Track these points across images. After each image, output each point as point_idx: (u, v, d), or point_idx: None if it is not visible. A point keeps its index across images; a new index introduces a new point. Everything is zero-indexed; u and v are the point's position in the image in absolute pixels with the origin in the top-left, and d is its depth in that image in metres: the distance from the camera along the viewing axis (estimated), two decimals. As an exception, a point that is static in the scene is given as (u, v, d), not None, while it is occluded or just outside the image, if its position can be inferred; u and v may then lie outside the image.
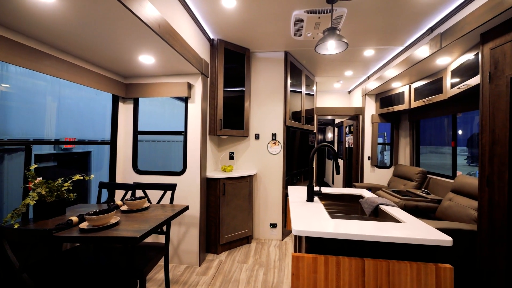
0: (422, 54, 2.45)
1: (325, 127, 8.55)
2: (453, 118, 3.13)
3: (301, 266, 1.09)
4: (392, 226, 1.16)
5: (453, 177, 2.94)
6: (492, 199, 1.75)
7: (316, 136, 4.46)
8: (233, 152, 3.11)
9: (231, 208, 2.74)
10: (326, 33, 1.93)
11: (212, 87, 2.76)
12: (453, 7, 2.04)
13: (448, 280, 1.01)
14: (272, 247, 2.86)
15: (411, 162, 3.91)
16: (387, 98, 3.88)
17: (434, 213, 2.62)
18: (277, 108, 3.10)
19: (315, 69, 3.84)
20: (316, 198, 1.69)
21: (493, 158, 1.75)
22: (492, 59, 1.77)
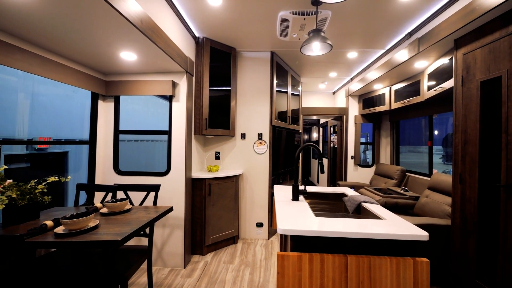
0: (402, 58, 2.56)
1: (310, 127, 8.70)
2: (430, 119, 3.29)
3: (286, 265, 1.10)
4: (373, 223, 1.20)
5: (429, 175, 3.10)
6: (464, 195, 1.86)
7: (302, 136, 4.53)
8: (219, 152, 3.08)
9: (217, 208, 2.71)
10: (311, 35, 1.96)
11: (197, 86, 2.71)
12: (430, 13, 2.14)
13: (425, 273, 1.06)
14: (259, 246, 2.86)
15: (392, 161, 4.07)
16: (369, 99, 4.01)
17: (412, 210, 2.75)
18: (263, 108, 3.11)
19: (301, 70, 3.89)
20: (301, 197, 1.72)
21: (465, 157, 1.86)
22: (464, 63, 1.88)
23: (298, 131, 4.19)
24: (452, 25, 1.85)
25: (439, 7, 2.03)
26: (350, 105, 4.39)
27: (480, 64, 1.74)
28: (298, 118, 4.18)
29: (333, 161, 5.36)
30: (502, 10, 1.53)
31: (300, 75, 4.15)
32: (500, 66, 1.59)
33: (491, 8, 1.52)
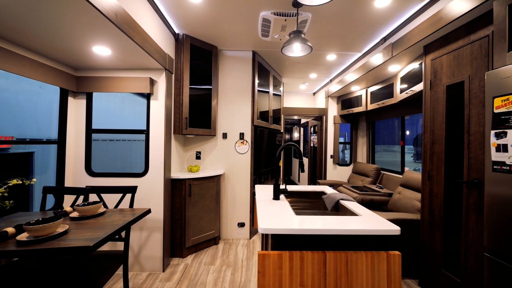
0: (377, 61, 2.69)
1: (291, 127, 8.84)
2: (402, 120, 3.50)
3: (267, 264, 1.11)
4: (350, 219, 1.25)
5: (401, 173, 3.29)
6: (432, 190, 2.00)
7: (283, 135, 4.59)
8: (200, 151, 3.03)
9: (197, 209, 2.66)
10: (292, 36, 1.99)
11: (177, 84, 2.64)
12: (403, 20, 2.27)
13: (397, 265, 1.12)
14: (240, 246, 2.86)
15: (368, 160, 4.27)
16: (348, 101, 4.17)
17: (386, 206, 2.89)
18: (245, 107, 3.10)
19: (282, 70, 3.94)
20: (282, 196, 1.74)
21: (433, 155, 2.00)
22: (432, 68, 2.02)
23: (280, 130, 4.24)
24: (422, 32, 1.97)
25: (411, 14, 2.16)
26: (330, 106, 4.53)
27: (446, 69, 1.87)
28: (279, 118, 4.23)
29: (314, 160, 5.50)
30: (465, 20, 1.66)
31: (281, 75, 4.20)
32: (463, 71, 1.73)
33: (456, 17, 1.64)
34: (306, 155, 6.42)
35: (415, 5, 2.03)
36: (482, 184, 1.56)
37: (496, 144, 1.30)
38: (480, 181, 1.57)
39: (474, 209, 1.62)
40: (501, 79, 1.28)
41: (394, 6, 2.06)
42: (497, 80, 1.30)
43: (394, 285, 1.11)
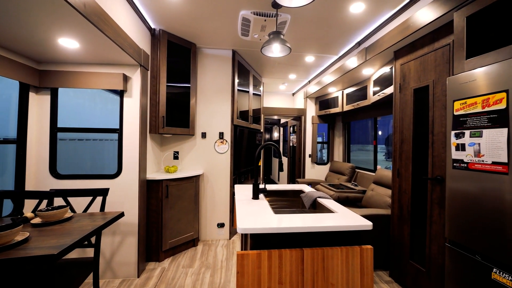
0: (352, 65, 2.81)
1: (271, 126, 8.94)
2: (375, 121, 3.69)
3: (245, 263, 1.10)
4: (326, 216, 1.29)
5: (374, 171, 3.47)
6: (401, 187, 2.13)
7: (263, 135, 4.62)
8: (178, 151, 2.94)
9: (175, 211, 2.58)
10: (271, 36, 2.00)
11: (153, 81, 2.53)
12: (375, 26, 2.39)
13: (369, 258, 1.17)
14: (220, 247, 2.82)
15: (344, 159, 4.45)
16: (325, 101, 4.30)
17: (360, 202, 3.04)
18: (224, 106, 3.07)
19: (262, 70, 3.96)
20: (261, 195, 1.75)
21: (402, 154, 2.13)
22: (401, 73, 2.15)
23: (260, 130, 4.26)
24: (392, 38, 2.09)
25: (383, 21, 2.28)
26: (308, 106, 4.64)
27: (413, 74, 2.01)
28: (259, 118, 4.25)
29: (293, 160, 5.60)
30: (430, 29, 1.79)
31: (261, 75, 4.22)
32: (428, 76, 1.86)
33: (421, 26, 1.76)
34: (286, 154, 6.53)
35: (386, 12, 2.14)
36: (444, 180, 1.69)
37: (455, 144, 1.42)
38: (442, 177, 1.71)
39: (437, 203, 1.76)
40: (460, 84, 1.40)
41: (368, 12, 2.16)
42: (456, 85, 1.42)
43: (366, 277, 1.17)
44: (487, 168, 1.25)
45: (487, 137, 1.25)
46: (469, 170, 1.34)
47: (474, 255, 1.31)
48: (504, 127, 1.17)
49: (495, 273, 1.20)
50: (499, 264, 1.20)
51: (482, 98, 1.27)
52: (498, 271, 1.19)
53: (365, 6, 2.06)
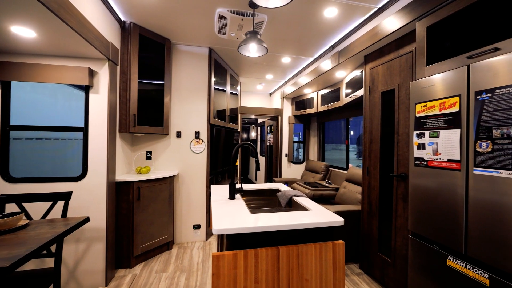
0: (326, 67, 2.91)
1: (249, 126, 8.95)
2: (347, 122, 3.87)
3: (221, 265, 1.09)
4: (301, 214, 1.32)
5: (346, 169, 3.64)
6: (370, 184, 2.26)
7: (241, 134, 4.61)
8: (151, 151, 2.81)
9: (148, 214, 2.46)
10: (248, 36, 2.00)
11: (123, 77, 2.39)
12: (347, 31, 2.51)
13: (341, 253, 1.23)
14: (196, 249, 2.76)
15: (319, 158, 4.60)
16: (301, 102, 4.41)
17: (334, 199, 3.17)
18: (200, 105, 3.00)
19: (239, 70, 3.94)
20: (238, 195, 1.74)
21: (371, 153, 2.26)
22: (371, 76, 2.28)
23: (237, 130, 4.24)
24: (362, 43, 2.21)
25: (354, 27, 2.39)
26: (285, 107, 4.73)
27: (381, 78, 2.14)
28: (236, 117, 4.23)
29: (270, 159, 5.67)
30: (396, 36, 1.92)
31: (239, 74, 4.20)
32: (393, 81, 2.00)
33: (388, 33, 1.89)
34: (263, 154, 6.58)
35: (357, 18, 2.26)
36: (407, 177, 1.83)
37: (417, 143, 1.54)
38: (406, 174, 1.85)
39: (401, 198, 1.89)
40: (421, 89, 1.52)
41: (341, 17, 2.25)
42: (418, 89, 1.54)
43: (338, 271, 1.22)
44: (443, 165, 1.37)
45: (443, 137, 1.37)
46: (428, 167, 1.47)
47: (433, 245, 1.44)
48: (457, 128, 1.29)
49: (449, 260, 1.33)
50: (453, 252, 1.33)
51: (439, 101, 1.39)
52: (452, 258, 1.32)
53: (338, 11, 2.15)
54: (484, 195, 1.17)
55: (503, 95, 1.09)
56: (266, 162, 5.96)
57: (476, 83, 1.20)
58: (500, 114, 1.10)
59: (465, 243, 1.25)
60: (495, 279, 1.12)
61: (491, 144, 1.14)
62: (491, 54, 1.20)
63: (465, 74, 1.26)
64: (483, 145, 1.17)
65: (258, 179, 6.81)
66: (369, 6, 2.05)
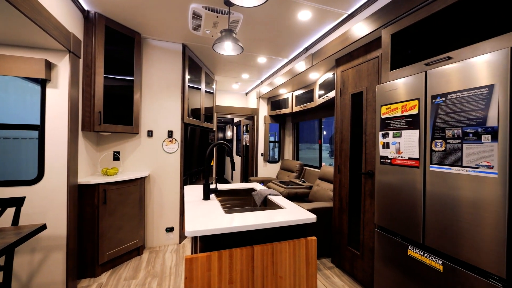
0: (300, 68, 2.99)
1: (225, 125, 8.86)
2: (320, 122, 4.02)
3: (194, 268, 1.06)
4: (275, 213, 1.34)
5: (320, 168, 3.78)
6: (341, 181, 2.37)
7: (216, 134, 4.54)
8: (119, 151, 2.64)
9: (115, 218, 2.31)
10: (223, 34, 1.97)
11: (87, 71, 2.21)
12: (320, 34, 2.60)
13: (314, 249, 1.27)
14: (169, 253, 2.65)
15: (293, 157, 4.71)
16: (276, 102, 4.48)
17: (308, 197, 3.27)
18: (174, 103, 2.89)
19: (215, 68, 3.88)
20: (212, 195, 1.70)
21: (342, 152, 2.37)
22: (341, 79, 2.39)
23: (212, 129, 4.17)
24: (334, 47, 2.31)
25: (327, 30, 2.49)
26: (261, 106, 4.76)
27: (351, 80, 2.26)
28: (212, 116, 4.16)
29: (246, 158, 5.67)
30: (364, 42, 2.03)
31: (214, 73, 4.13)
32: (362, 83, 2.12)
33: (357, 39, 1.99)
34: (239, 153, 6.56)
35: (330, 22, 2.35)
36: (374, 174, 1.95)
37: (382, 143, 1.65)
38: (373, 172, 1.97)
39: (369, 194, 2.01)
40: (386, 92, 1.63)
41: (314, 21, 2.33)
42: (383, 92, 1.65)
43: (311, 266, 1.26)
44: (405, 163, 1.49)
45: (405, 137, 1.49)
46: (392, 165, 1.58)
47: (396, 237, 1.55)
48: (416, 128, 1.41)
49: (410, 250, 1.45)
50: (413, 242, 1.45)
51: (401, 104, 1.51)
52: (412, 248, 1.43)
53: (311, 15, 2.21)
54: (439, 189, 1.29)
55: (454, 99, 1.21)
56: (242, 162, 5.95)
57: (432, 88, 1.32)
58: (452, 116, 1.22)
59: (423, 234, 1.37)
60: (447, 265, 1.24)
61: (444, 143, 1.26)
62: (445, 62, 1.33)
63: (423, 80, 1.38)
64: (437, 144, 1.29)
65: (234, 179, 6.77)
66: (340, 12, 2.15)
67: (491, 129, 1.07)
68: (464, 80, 1.18)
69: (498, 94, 1.05)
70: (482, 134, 1.10)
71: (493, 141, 1.06)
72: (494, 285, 1.06)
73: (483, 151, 1.10)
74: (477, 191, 1.12)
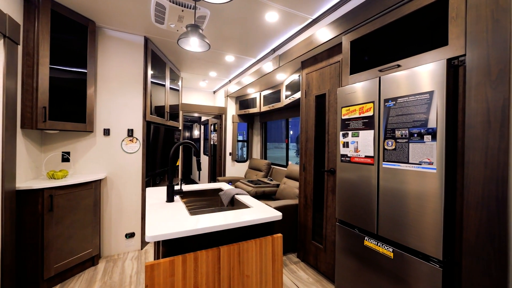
0: (268, 69, 3.03)
1: (192, 124, 8.58)
2: (287, 122, 4.14)
3: (156, 274, 1.00)
4: (242, 212, 1.33)
5: (286, 166, 3.90)
6: (306, 179, 2.48)
7: (182, 133, 4.37)
8: (69, 152, 2.36)
9: (65, 226, 2.07)
10: (189, 29, 1.90)
11: (28, 60, 1.93)
12: (287, 36, 2.67)
13: (279, 245, 1.30)
14: (129, 260, 2.47)
15: (261, 156, 4.78)
16: (245, 101, 4.48)
17: (275, 195, 3.34)
18: (135, 100, 2.69)
19: (181, 64, 3.72)
20: (177, 197, 1.63)
21: (307, 151, 2.47)
22: (306, 81, 2.49)
23: (178, 128, 4.00)
24: (300, 49, 2.39)
25: (293, 33, 2.57)
26: (229, 105, 4.71)
27: (315, 82, 2.36)
28: (178, 115, 3.99)
29: (214, 158, 5.57)
30: (327, 46, 2.15)
31: (180, 69, 3.96)
32: (325, 86, 2.23)
33: (320, 43, 2.09)
34: (207, 153, 6.41)
35: (296, 26, 2.42)
36: (335, 171, 2.08)
37: (343, 142, 1.77)
38: (334, 169, 2.09)
39: (331, 190, 2.14)
40: (346, 94, 1.74)
41: (281, 23, 2.38)
42: (343, 95, 1.76)
43: (277, 263, 1.28)
44: (362, 161, 1.61)
45: (362, 136, 1.61)
46: (351, 162, 1.70)
47: (354, 229, 1.67)
48: (372, 129, 1.54)
49: (366, 240, 1.57)
50: (368, 233, 1.58)
51: (359, 106, 1.63)
52: (368, 238, 1.56)
53: (278, 17, 2.26)
54: (390, 184, 1.42)
55: (403, 103, 1.35)
56: (210, 161, 5.83)
57: (385, 92, 1.46)
58: (400, 118, 1.36)
59: (377, 225, 1.50)
60: (397, 252, 1.38)
61: (394, 142, 1.39)
62: (395, 69, 1.48)
63: (377, 84, 1.50)
64: (389, 144, 1.42)
65: (202, 179, 6.60)
66: (306, 16, 2.23)
67: (431, 130, 1.22)
68: (410, 86, 1.32)
69: (437, 100, 1.20)
70: (424, 135, 1.24)
71: (432, 140, 1.21)
72: (434, 266, 1.21)
73: (425, 149, 1.24)
74: (421, 185, 1.27)
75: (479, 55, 1.10)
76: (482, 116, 1.08)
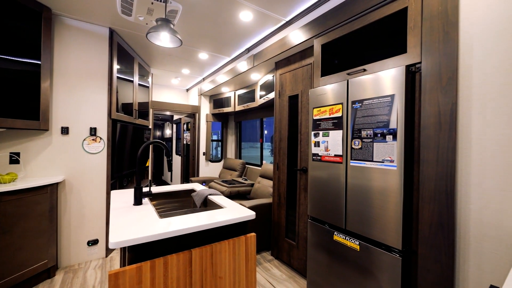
0: (242, 68, 3.02)
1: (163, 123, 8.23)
2: (261, 121, 4.17)
3: (121, 283, 0.93)
4: (215, 213, 1.31)
5: (261, 166, 3.93)
6: (279, 178, 2.52)
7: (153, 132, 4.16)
8: (19, 152, 2.11)
9: (14, 236, 1.84)
10: (159, 23, 1.81)
11: (-35, 46, 1.68)
12: (262, 36, 2.68)
13: (253, 244, 1.30)
14: (91, 270, 2.28)
15: (236, 156, 4.75)
16: (219, 100, 4.42)
17: (250, 194, 3.35)
18: (98, 96, 2.49)
19: (151, 60, 3.54)
20: (146, 199, 1.55)
21: (280, 150, 2.52)
22: (280, 81, 2.53)
23: (148, 127, 3.80)
24: (273, 50, 2.42)
25: (267, 34, 2.59)
26: (202, 104, 4.61)
27: (289, 83, 2.42)
28: (148, 113, 3.79)
29: (187, 158, 5.40)
30: (300, 49, 2.20)
31: (150, 65, 3.76)
32: (298, 87, 2.29)
33: (293, 45, 2.14)
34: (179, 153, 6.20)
35: (270, 26, 2.45)
36: (307, 170, 2.14)
37: (314, 141, 1.83)
38: (306, 168, 2.16)
39: (303, 188, 2.20)
40: (317, 95, 1.80)
41: (255, 23, 2.38)
42: (315, 96, 1.82)
43: (250, 262, 1.28)
44: (332, 159, 1.68)
45: (331, 136, 1.68)
46: (322, 161, 1.77)
47: (324, 225, 1.74)
48: (340, 129, 1.61)
49: (335, 235, 1.65)
50: (337, 228, 1.66)
51: (329, 107, 1.70)
52: (337, 233, 1.64)
53: (253, 17, 2.26)
54: (357, 181, 1.51)
55: (368, 105, 1.44)
56: (183, 162, 5.65)
57: (353, 95, 1.54)
58: (366, 119, 1.45)
59: (345, 220, 1.59)
60: (363, 244, 1.47)
61: (361, 142, 1.48)
62: (361, 73, 1.57)
63: (346, 87, 1.58)
64: (356, 143, 1.51)
65: (174, 180, 6.37)
66: (279, 18, 2.26)
67: (392, 130, 1.31)
68: (375, 89, 1.41)
69: (397, 103, 1.30)
70: (386, 135, 1.34)
71: (393, 140, 1.31)
72: (395, 256, 1.32)
73: (387, 148, 1.34)
74: (384, 181, 1.36)
75: (432, 63, 1.21)
76: (434, 118, 1.20)
